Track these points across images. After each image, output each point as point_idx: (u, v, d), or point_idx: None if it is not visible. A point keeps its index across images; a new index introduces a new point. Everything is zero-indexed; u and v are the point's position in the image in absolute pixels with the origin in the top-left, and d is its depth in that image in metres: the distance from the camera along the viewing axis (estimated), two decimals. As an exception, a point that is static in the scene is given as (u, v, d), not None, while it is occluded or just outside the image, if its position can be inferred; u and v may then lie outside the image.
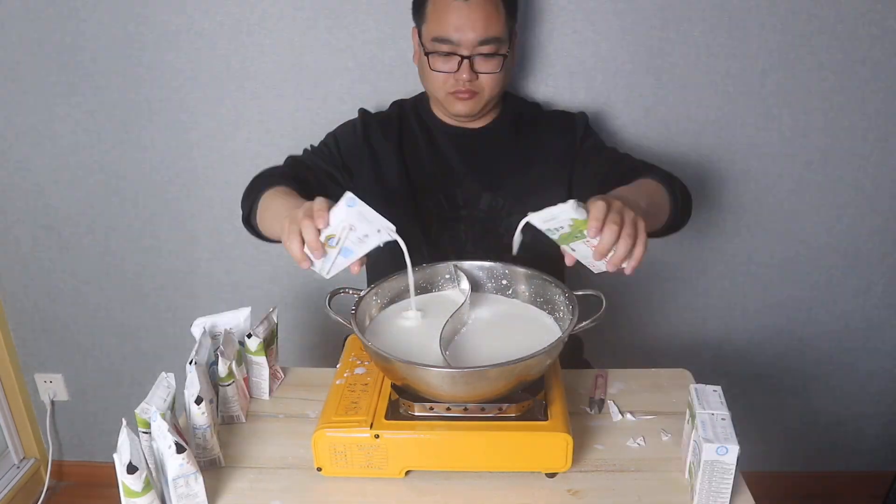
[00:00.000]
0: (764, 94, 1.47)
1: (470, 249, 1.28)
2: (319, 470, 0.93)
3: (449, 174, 1.29)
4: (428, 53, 1.20)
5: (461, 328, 1.00)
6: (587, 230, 0.83)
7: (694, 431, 0.88)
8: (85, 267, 1.73)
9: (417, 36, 1.26)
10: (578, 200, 0.83)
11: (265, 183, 1.14)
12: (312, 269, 0.91)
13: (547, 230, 0.87)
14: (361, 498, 0.92)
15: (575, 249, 0.89)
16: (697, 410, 0.89)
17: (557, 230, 0.86)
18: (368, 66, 1.48)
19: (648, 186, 1.08)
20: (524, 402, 0.92)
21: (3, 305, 1.79)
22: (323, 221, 0.86)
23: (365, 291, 1.01)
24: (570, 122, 1.32)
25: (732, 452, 0.83)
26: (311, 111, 1.53)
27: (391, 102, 1.38)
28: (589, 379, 1.14)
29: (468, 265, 1.08)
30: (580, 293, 0.97)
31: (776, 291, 1.68)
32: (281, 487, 0.94)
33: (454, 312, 0.97)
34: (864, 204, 1.58)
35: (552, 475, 0.93)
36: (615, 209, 0.84)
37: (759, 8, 1.40)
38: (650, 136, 1.52)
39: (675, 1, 1.40)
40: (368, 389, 0.97)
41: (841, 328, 1.72)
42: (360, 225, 0.87)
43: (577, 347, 1.44)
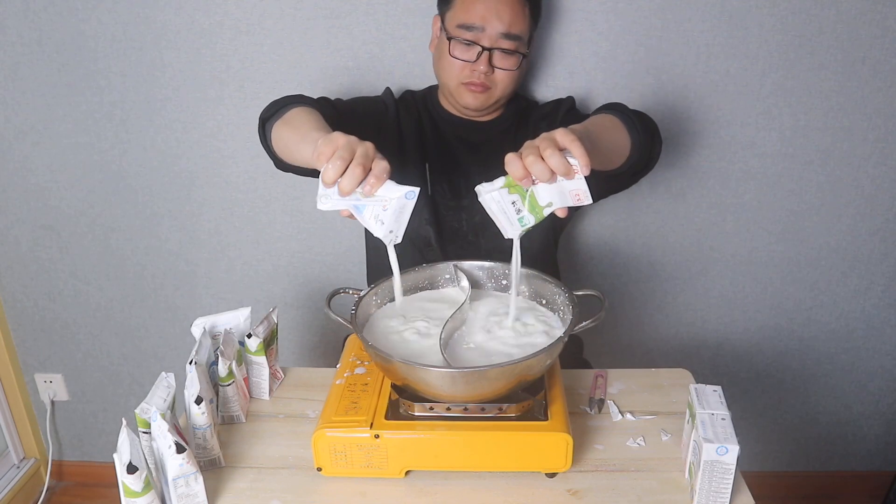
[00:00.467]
0: (764, 94, 1.47)
1: (471, 239, 1.30)
2: (319, 470, 0.93)
3: (453, 164, 1.31)
4: (450, 38, 1.21)
5: (461, 326, 1.00)
6: (507, 167, 0.82)
7: (694, 431, 0.88)
8: (85, 267, 1.73)
9: (440, 22, 1.27)
10: None
11: (294, 100, 1.11)
12: (322, 195, 0.85)
13: (520, 220, 0.86)
14: (361, 498, 0.92)
15: (551, 203, 0.84)
16: (697, 410, 0.89)
17: (518, 211, 0.85)
18: (368, 66, 1.48)
19: (600, 121, 1.06)
20: (524, 402, 0.92)
21: (3, 305, 1.79)
22: (380, 178, 0.82)
23: (365, 291, 1.01)
24: (556, 105, 1.35)
25: (732, 452, 0.83)
26: (311, 111, 1.53)
27: (403, 91, 1.40)
28: (589, 379, 1.14)
29: (468, 265, 1.08)
30: (580, 293, 0.97)
31: (776, 291, 1.68)
32: (281, 487, 0.94)
33: (454, 312, 0.97)
34: (864, 204, 1.58)
35: (552, 475, 0.93)
36: (527, 144, 0.83)
37: (759, 8, 1.40)
38: (650, 136, 1.52)
39: (675, 1, 1.40)
40: (368, 389, 0.97)
41: (841, 328, 1.72)
42: (389, 211, 0.85)
43: (577, 347, 1.44)
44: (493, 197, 0.86)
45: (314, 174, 0.88)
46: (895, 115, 1.49)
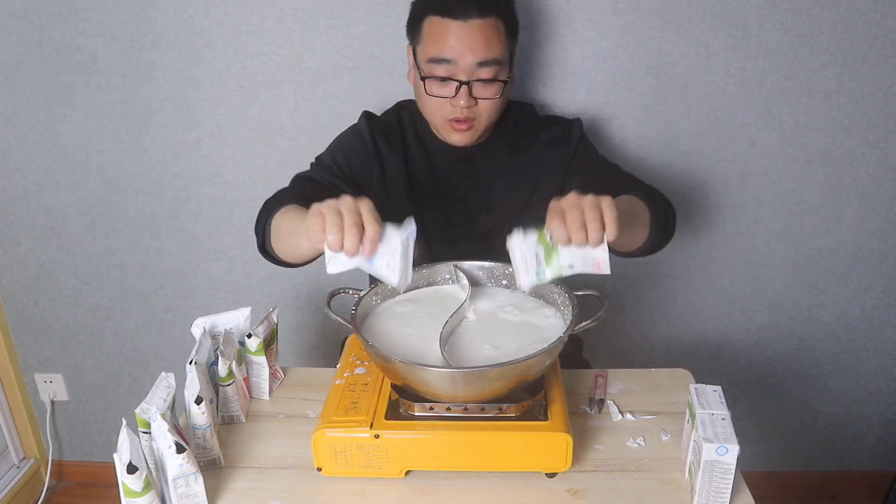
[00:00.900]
0: (764, 94, 1.47)
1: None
2: (319, 470, 0.93)
3: (446, 193, 1.27)
4: (424, 78, 1.15)
5: (461, 324, 1.00)
6: (548, 226, 0.84)
7: (694, 431, 0.88)
8: (85, 267, 1.73)
9: (412, 55, 1.20)
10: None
11: (274, 206, 1.10)
12: (331, 259, 0.87)
13: (537, 273, 0.87)
14: (361, 498, 0.92)
15: (573, 265, 0.87)
16: (697, 410, 0.89)
17: (538, 263, 0.87)
18: (368, 66, 1.48)
19: (630, 202, 1.05)
20: (524, 402, 0.92)
21: (3, 305, 1.79)
22: (374, 240, 0.84)
23: (365, 291, 1.01)
24: (564, 131, 1.27)
25: (732, 452, 0.83)
26: (311, 111, 1.53)
27: (395, 103, 1.34)
28: (589, 379, 1.14)
29: (468, 265, 1.08)
30: (580, 293, 0.97)
31: (776, 291, 1.68)
32: (281, 487, 0.94)
33: (455, 311, 0.97)
34: (864, 204, 1.58)
35: (552, 475, 0.93)
36: (568, 198, 0.85)
37: (759, 8, 1.40)
38: (650, 136, 1.52)
39: (675, 1, 1.40)
40: (368, 389, 0.97)
41: (841, 328, 1.72)
42: (398, 257, 0.86)
43: (577, 347, 1.44)
44: (522, 241, 0.87)
45: None
46: (895, 115, 1.49)
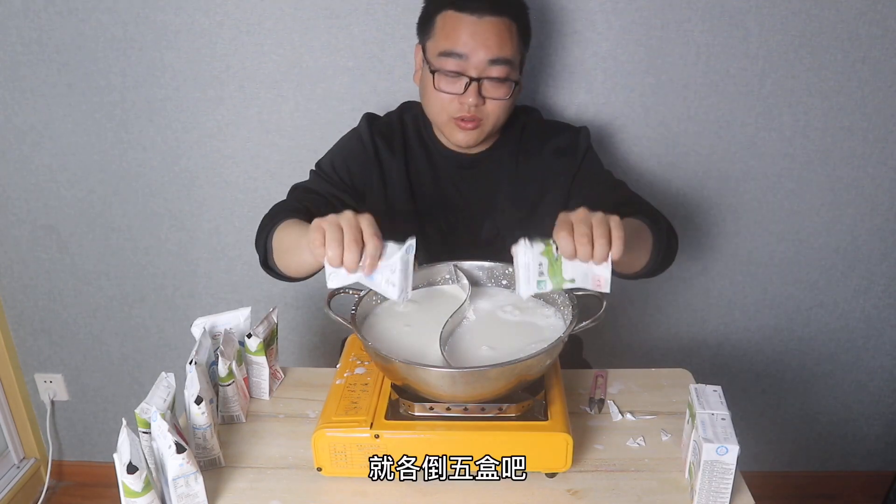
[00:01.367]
0: (764, 94, 1.47)
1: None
2: (319, 470, 0.93)
3: (449, 200, 1.26)
4: (434, 71, 1.13)
5: (461, 324, 1.00)
6: (556, 238, 0.84)
7: (694, 431, 0.88)
8: (85, 267, 1.73)
9: (422, 53, 1.18)
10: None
11: (273, 222, 1.09)
12: (331, 274, 0.88)
13: (538, 283, 0.87)
14: (361, 498, 0.92)
15: (574, 280, 0.87)
16: (697, 410, 0.89)
17: (541, 274, 0.86)
18: (368, 66, 1.48)
19: (635, 226, 1.04)
20: (524, 402, 0.92)
21: (3, 305, 1.79)
22: (375, 256, 0.85)
23: (365, 291, 1.01)
24: (572, 141, 1.26)
25: (732, 452, 0.83)
26: (311, 111, 1.53)
27: (400, 104, 1.32)
28: (589, 379, 1.14)
29: (468, 265, 1.08)
30: (580, 293, 0.97)
31: (776, 291, 1.68)
32: (281, 487, 0.94)
33: (455, 311, 0.97)
34: (864, 204, 1.58)
35: (552, 475, 0.93)
36: (578, 213, 0.85)
37: (759, 8, 1.40)
38: (650, 135, 1.52)
39: (675, 1, 1.40)
40: (368, 389, 0.97)
41: (841, 328, 1.72)
42: (398, 273, 0.86)
43: (577, 347, 1.44)
44: (527, 250, 0.86)
45: None
46: (895, 115, 1.49)
